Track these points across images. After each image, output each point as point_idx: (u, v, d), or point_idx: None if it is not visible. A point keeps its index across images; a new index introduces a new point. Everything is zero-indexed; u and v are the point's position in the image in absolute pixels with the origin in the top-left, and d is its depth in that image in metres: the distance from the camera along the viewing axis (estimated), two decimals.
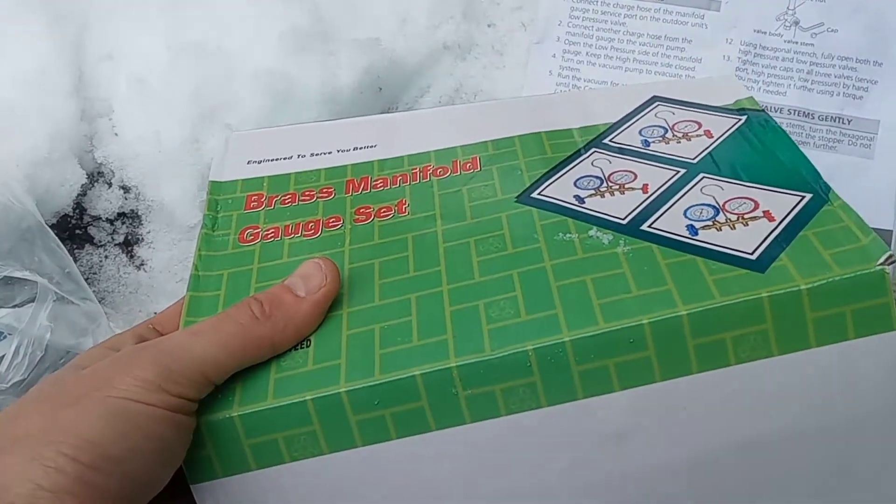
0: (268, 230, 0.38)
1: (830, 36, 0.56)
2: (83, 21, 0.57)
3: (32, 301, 0.47)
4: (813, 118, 0.56)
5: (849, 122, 0.56)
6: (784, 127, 0.56)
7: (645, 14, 0.59)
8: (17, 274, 0.45)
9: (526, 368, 0.29)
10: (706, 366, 0.29)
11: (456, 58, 0.61)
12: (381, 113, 0.59)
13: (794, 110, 0.56)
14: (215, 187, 0.40)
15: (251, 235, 0.37)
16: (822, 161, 0.57)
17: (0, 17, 0.55)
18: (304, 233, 0.37)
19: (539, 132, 0.41)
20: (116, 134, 0.55)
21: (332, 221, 0.38)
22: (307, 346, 0.32)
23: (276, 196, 0.39)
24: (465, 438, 0.30)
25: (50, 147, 0.52)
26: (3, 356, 0.45)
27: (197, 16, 0.56)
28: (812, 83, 0.56)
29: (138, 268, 0.55)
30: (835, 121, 0.56)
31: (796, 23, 0.57)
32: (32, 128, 0.52)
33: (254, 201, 0.39)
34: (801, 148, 0.40)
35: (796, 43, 0.57)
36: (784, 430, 0.30)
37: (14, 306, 0.47)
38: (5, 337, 0.47)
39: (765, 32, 0.57)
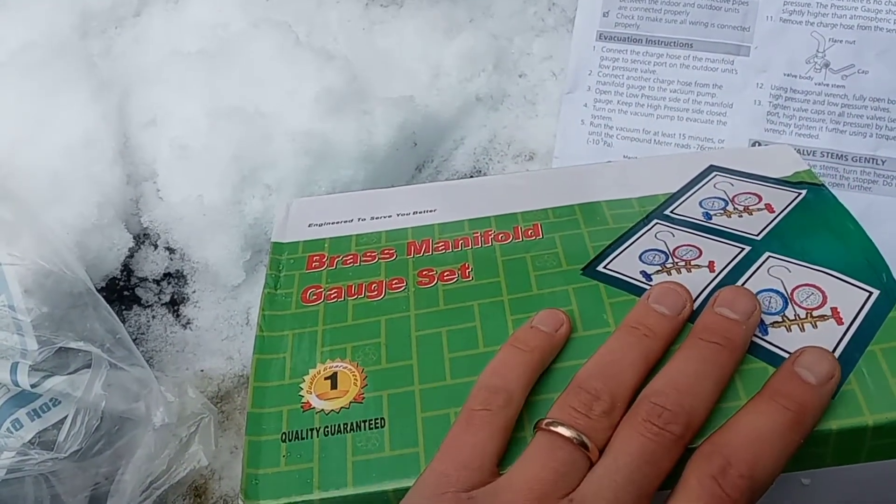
0: (331, 290, 0.38)
1: (861, 77, 0.56)
2: (126, 89, 0.59)
3: (85, 368, 0.48)
4: (846, 160, 0.56)
5: (883, 162, 0.56)
6: (817, 169, 0.57)
7: (675, 61, 0.59)
8: (73, 345, 0.46)
9: None
10: None
11: (488, 109, 0.62)
12: (417, 167, 0.60)
13: (827, 152, 0.57)
14: (277, 248, 0.41)
15: (314, 295, 0.38)
16: (857, 202, 0.57)
17: (46, 88, 0.57)
18: (367, 294, 0.37)
19: (599, 201, 0.41)
20: (161, 198, 0.56)
21: (396, 283, 0.38)
22: (382, 427, 0.32)
23: (338, 256, 0.40)
24: None
25: (98, 213, 0.54)
26: (62, 424, 0.46)
27: (235, 81, 0.58)
28: (844, 125, 0.56)
29: (184, 326, 0.57)
30: (868, 161, 0.56)
31: (826, 65, 0.57)
32: (81, 195, 0.54)
33: (315, 261, 0.40)
34: (835, 190, 0.40)
35: (827, 85, 0.57)
36: None
37: (68, 374, 0.48)
38: (59, 403, 0.49)
39: (795, 76, 0.57)
